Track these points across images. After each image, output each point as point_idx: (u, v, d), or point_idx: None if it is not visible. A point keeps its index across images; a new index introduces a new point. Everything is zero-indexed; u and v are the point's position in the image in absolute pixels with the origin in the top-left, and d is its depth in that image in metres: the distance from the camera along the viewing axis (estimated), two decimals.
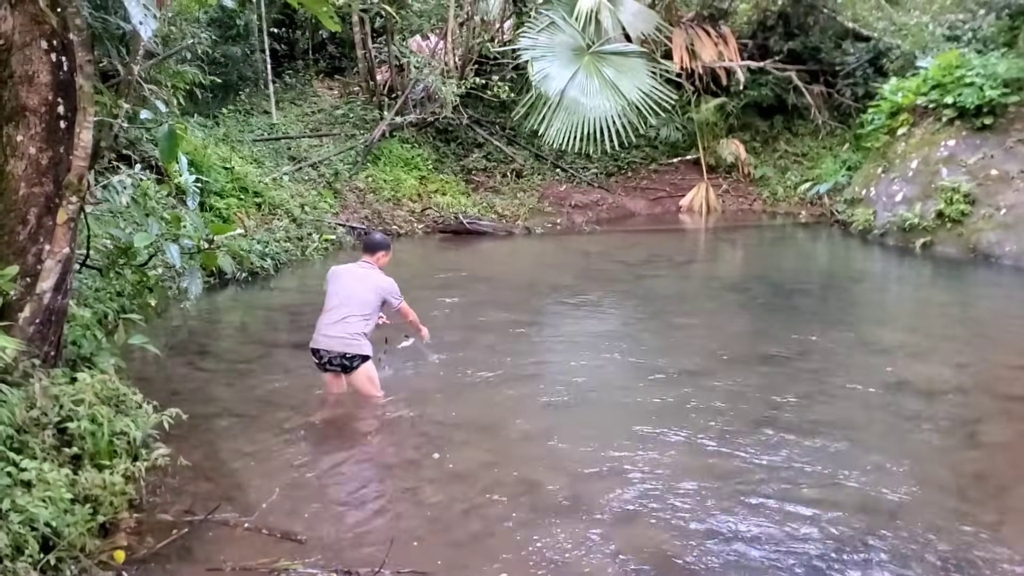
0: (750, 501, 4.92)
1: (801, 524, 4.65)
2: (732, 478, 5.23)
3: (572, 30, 16.76)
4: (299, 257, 12.33)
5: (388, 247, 6.68)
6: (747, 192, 18.48)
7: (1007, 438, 6.03)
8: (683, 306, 10.05)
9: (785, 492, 5.04)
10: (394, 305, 6.47)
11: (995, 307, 10.24)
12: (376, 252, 6.53)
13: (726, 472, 5.32)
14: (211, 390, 6.86)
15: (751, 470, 5.35)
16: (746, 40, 19.22)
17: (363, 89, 18.34)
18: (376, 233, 6.77)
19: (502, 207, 16.23)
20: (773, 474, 5.29)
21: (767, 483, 5.17)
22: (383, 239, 6.73)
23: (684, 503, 4.90)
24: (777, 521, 4.68)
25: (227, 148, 13.52)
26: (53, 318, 4.89)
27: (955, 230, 13.00)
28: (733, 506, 4.86)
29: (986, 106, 13.54)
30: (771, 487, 5.11)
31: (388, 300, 6.40)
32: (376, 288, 6.34)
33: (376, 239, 6.69)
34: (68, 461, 4.39)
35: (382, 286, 6.37)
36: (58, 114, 4.80)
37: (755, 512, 4.79)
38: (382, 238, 6.75)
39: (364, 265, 6.47)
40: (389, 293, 6.39)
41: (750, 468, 5.38)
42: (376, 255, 6.52)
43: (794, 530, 4.59)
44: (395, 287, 6.44)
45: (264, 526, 4.55)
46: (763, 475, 5.28)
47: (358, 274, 6.40)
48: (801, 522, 4.67)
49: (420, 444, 5.83)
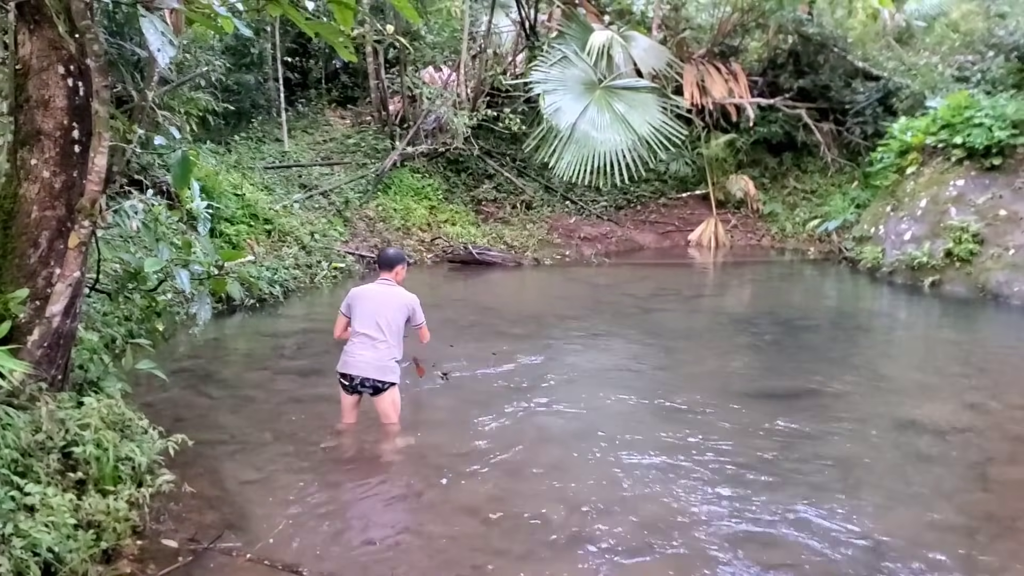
0: (757, 540, 4.87)
1: (806, 562, 4.59)
2: (738, 516, 5.18)
3: (584, 64, 16.89)
4: (308, 284, 12.35)
5: (404, 260, 6.70)
6: (756, 228, 18.51)
7: (1017, 479, 5.96)
8: (691, 341, 10.02)
9: (793, 531, 4.98)
10: (418, 321, 6.45)
11: (1004, 347, 10.18)
12: (395, 267, 6.53)
13: (732, 510, 5.27)
14: (217, 417, 6.84)
15: (758, 508, 5.30)
16: (756, 77, 19.35)
17: (375, 119, 18.46)
18: (389, 248, 6.79)
19: (511, 238, 16.27)
20: (780, 512, 5.23)
21: (774, 522, 5.11)
22: (398, 253, 6.74)
23: (690, 540, 4.85)
24: (784, 561, 4.63)
25: (238, 175, 13.59)
26: (61, 342, 4.89)
27: (964, 269, 12.97)
28: (739, 544, 4.81)
29: (995, 147, 13.57)
30: (778, 526, 5.05)
31: (413, 317, 6.41)
32: (403, 307, 6.35)
33: (391, 254, 6.66)
34: (72, 486, 4.37)
35: (407, 303, 6.38)
36: (73, 138, 4.84)
37: (762, 551, 4.74)
38: (396, 252, 6.75)
39: (384, 283, 6.46)
40: (414, 310, 6.40)
41: (757, 506, 5.33)
42: (395, 270, 6.52)
43: (799, 568, 4.53)
44: (417, 303, 6.44)
45: (267, 557, 4.51)
46: (770, 513, 5.22)
47: (382, 295, 6.37)
48: (809, 562, 4.62)
49: (427, 475, 5.79)
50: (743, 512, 5.25)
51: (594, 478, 5.72)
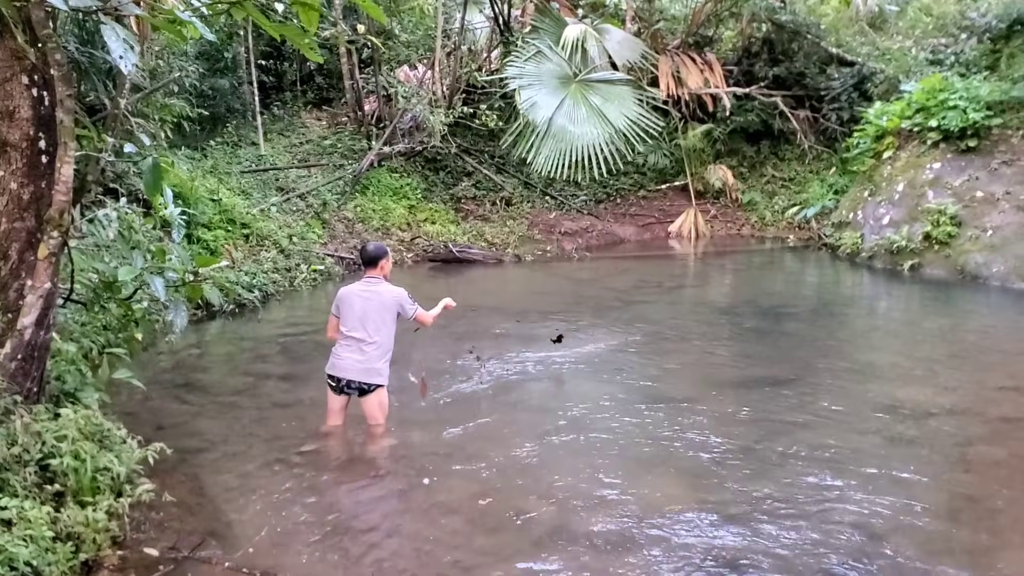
0: (741, 528, 4.89)
1: (793, 550, 4.61)
2: (722, 505, 5.20)
3: (559, 59, 16.87)
4: (287, 288, 12.30)
5: (387, 253, 6.53)
6: (735, 217, 18.56)
7: (998, 460, 6.00)
8: (673, 332, 10.03)
9: (776, 518, 5.00)
10: (408, 314, 6.35)
11: (984, 329, 10.25)
12: (379, 262, 6.40)
13: (717, 500, 5.28)
14: (197, 424, 6.79)
15: (742, 496, 5.31)
16: (731, 67, 19.38)
17: (351, 119, 18.39)
18: (369, 244, 6.58)
19: (492, 235, 16.24)
20: (764, 500, 5.25)
21: (758, 509, 5.13)
22: (379, 247, 6.54)
23: (674, 531, 4.86)
24: (769, 547, 4.64)
25: (215, 180, 13.51)
26: (35, 354, 4.85)
27: (942, 252, 13.06)
28: (724, 533, 4.82)
29: (970, 128, 13.67)
30: (762, 513, 5.07)
31: (403, 312, 6.33)
32: (390, 305, 6.26)
33: (372, 250, 6.47)
34: (50, 498, 4.34)
35: (394, 299, 6.29)
36: (39, 149, 4.79)
37: (746, 539, 4.76)
38: (377, 246, 6.55)
39: (371, 281, 6.36)
40: (401, 304, 6.31)
41: (741, 494, 5.34)
42: (379, 265, 6.40)
43: (786, 556, 4.55)
44: (405, 295, 6.34)
45: (247, 564, 4.48)
46: (754, 501, 5.24)
47: (369, 296, 6.27)
48: (793, 548, 4.64)
49: (409, 475, 5.78)
50: (727, 500, 5.27)
51: (577, 472, 5.72)
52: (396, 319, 6.36)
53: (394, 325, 6.35)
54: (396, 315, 6.33)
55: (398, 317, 6.37)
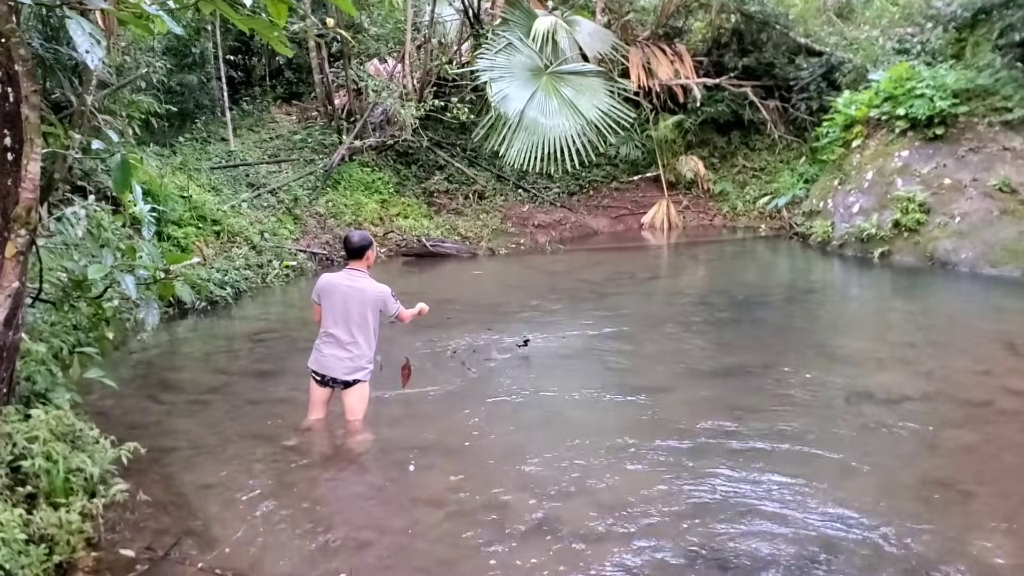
0: (717, 515, 4.91)
1: (768, 537, 4.64)
2: (699, 493, 5.22)
3: (529, 51, 16.85)
4: (260, 284, 12.21)
5: (372, 243, 6.39)
6: (707, 207, 18.65)
7: (970, 444, 6.08)
8: (647, 322, 10.06)
9: (752, 505, 5.04)
10: (391, 311, 6.27)
11: (953, 314, 10.37)
12: (363, 253, 6.25)
13: (693, 488, 5.31)
14: (171, 422, 6.73)
15: (718, 484, 5.34)
16: (701, 57, 19.47)
17: (321, 114, 18.27)
18: (354, 233, 6.37)
19: (465, 229, 16.21)
20: (739, 487, 5.29)
21: (734, 496, 5.16)
22: (363, 236, 6.36)
23: (653, 520, 4.88)
24: (744, 535, 4.67)
25: (184, 177, 13.37)
26: (4, 354, 4.77)
27: (911, 239, 13.20)
28: (701, 521, 4.84)
29: (937, 117, 13.82)
30: (738, 500, 5.11)
31: (385, 310, 6.26)
32: (373, 303, 6.17)
33: (357, 240, 6.29)
34: (22, 500, 4.28)
35: (377, 298, 6.19)
36: (5, 146, 4.70)
37: (722, 526, 4.78)
38: (363, 236, 6.37)
39: (354, 274, 6.22)
40: (384, 303, 6.22)
41: (717, 482, 5.37)
42: (364, 256, 6.26)
43: (761, 543, 4.58)
44: (388, 294, 6.23)
45: (221, 564, 4.43)
46: (730, 488, 5.27)
47: (351, 291, 6.15)
48: (768, 535, 4.67)
49: (386, 470, 5.77)
50: (704, 489, 5.30)
51: (555, 463, 5.72)
52: (379, 316, 6.30)
53: (377, 322, 6.29)
54: (379, 312, 6.28)
55: (381, 315, 6.32)
